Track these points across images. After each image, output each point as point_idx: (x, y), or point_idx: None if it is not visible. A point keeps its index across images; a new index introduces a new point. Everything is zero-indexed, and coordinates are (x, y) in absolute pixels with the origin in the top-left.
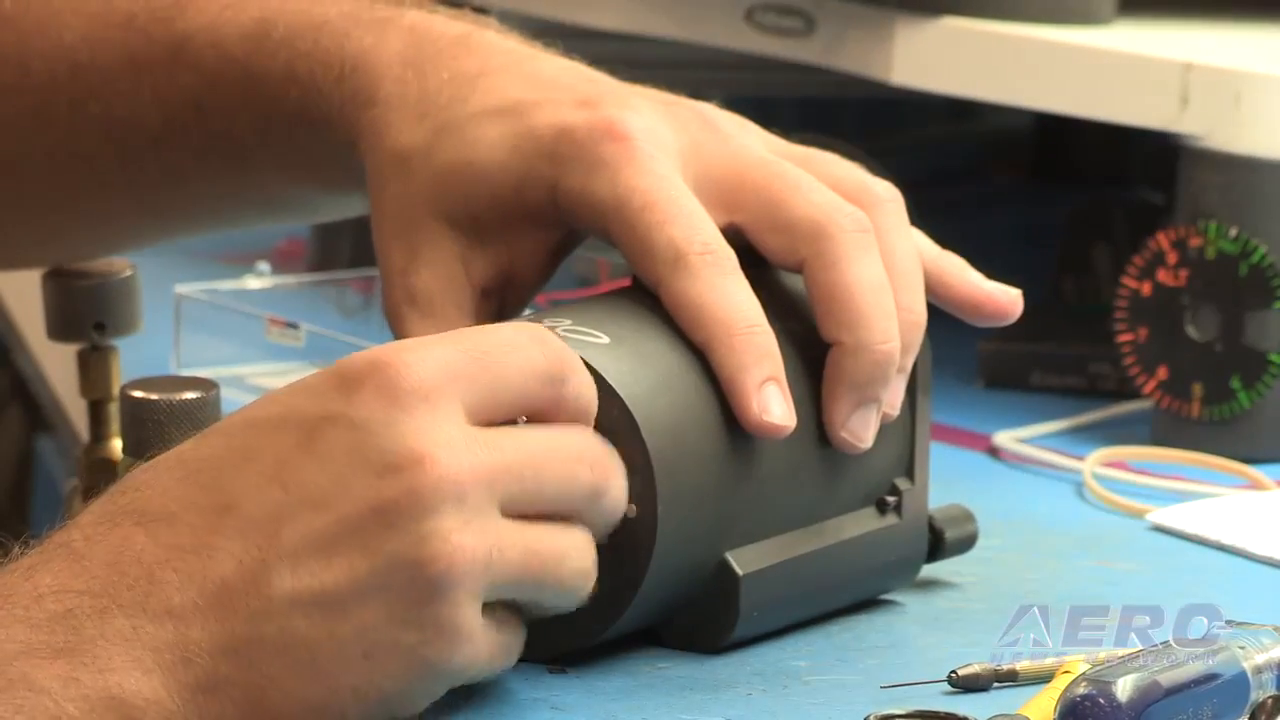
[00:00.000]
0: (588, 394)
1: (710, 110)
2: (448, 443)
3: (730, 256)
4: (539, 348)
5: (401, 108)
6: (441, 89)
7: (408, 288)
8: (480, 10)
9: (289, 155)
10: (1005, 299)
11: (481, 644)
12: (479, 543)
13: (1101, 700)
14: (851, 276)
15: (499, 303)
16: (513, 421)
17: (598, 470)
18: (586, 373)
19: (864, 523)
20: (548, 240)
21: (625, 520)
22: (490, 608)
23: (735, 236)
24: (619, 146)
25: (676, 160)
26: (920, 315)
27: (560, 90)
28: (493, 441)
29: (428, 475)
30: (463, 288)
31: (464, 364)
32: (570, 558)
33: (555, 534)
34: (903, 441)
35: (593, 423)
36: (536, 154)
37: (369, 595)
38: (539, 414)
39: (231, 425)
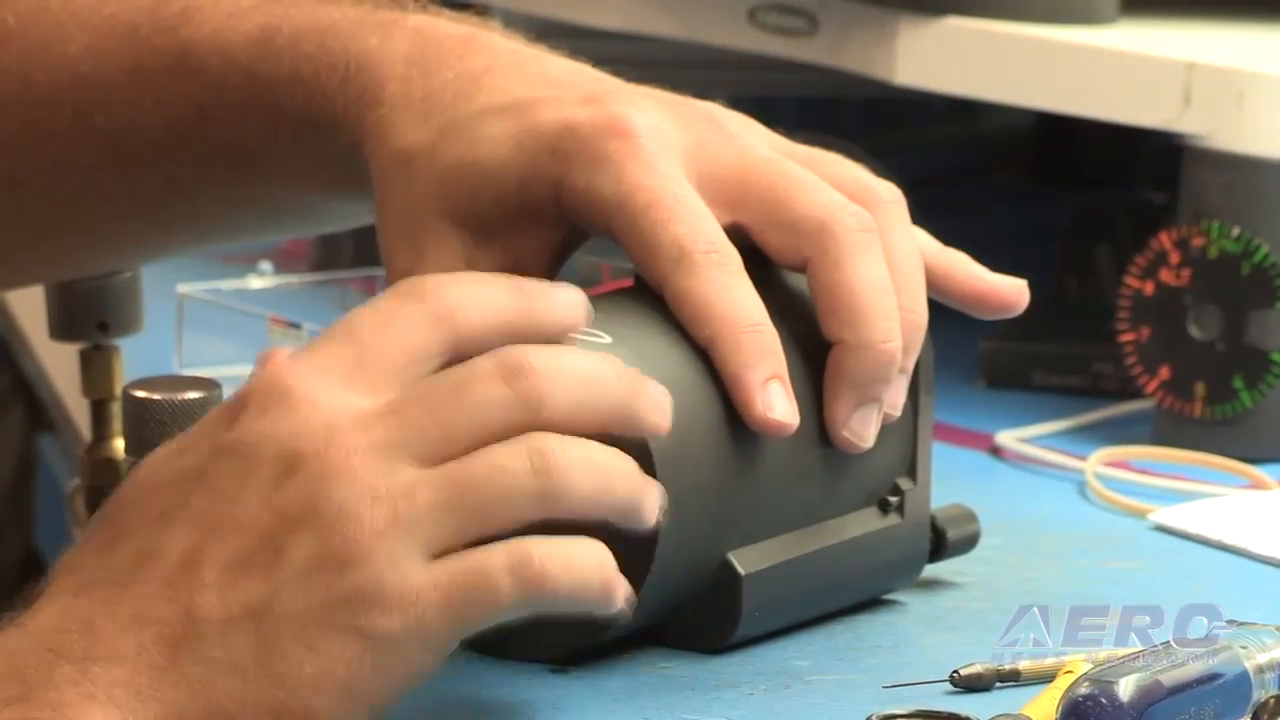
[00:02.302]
0: (492, 318)
1: (715, 109)
2: (326, 429)
3: (734, 255)
4: (418, 300)
5: (406, 108)
6: (446, 88)
7: None
8: (483, 11)
9: (295, 160)
10: (1011, 290)
11: (426, 595)
12: (381, 506)
13: (1104, 700)
14: (854, 275)
15: None
16: None
17: (520, 379)
18: (485, 300)
19: (866, 522)
20: (552, 239)
21: None
22: (444, 559)
23: (739, 235)
24: (623, 143)
25: (681, 159)
26: (922, 316)
27: (565, 88)
28: (386, 406)
29: (311, 465)
30: None
31: (337, 350)
32: (515, 468)
33: (492, 453)
34: (905, 441)
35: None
36: (540, 151)
37: (290, 589)
38: (450, 361)
39: (134, 484)
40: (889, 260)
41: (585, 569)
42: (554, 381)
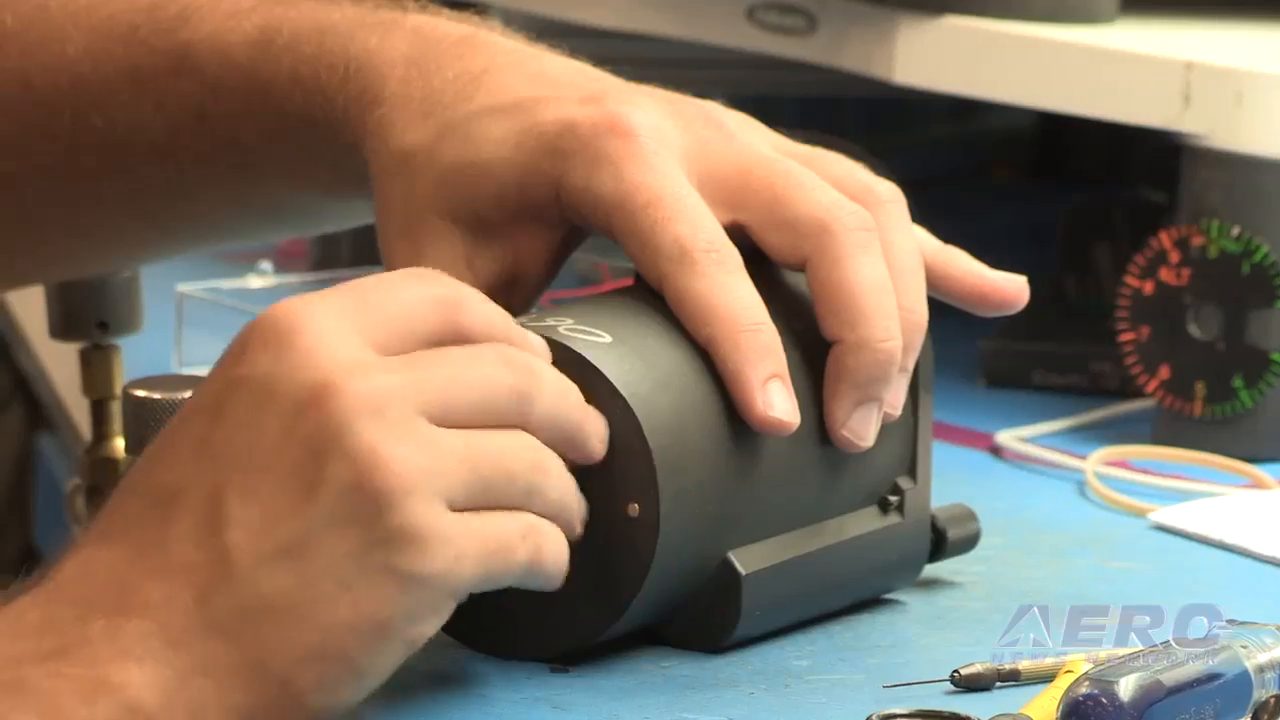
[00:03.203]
0: (493, 318)
1: (715, 109)
2: (348, 364)
3: (734, 254)
4: (427, 281)
5: (406, 107)
6: (445, 88)
7: None
8: (483, 11)
9: (294, 160)
10: (1011, 287)
11: (460, 542)
12: (412, 449)
13: (1104, 700)
14: (854, 274)
15: (503, 302)
16: None
17: (520, 373)
18: (487, 302)
19: (866, 522)
20: (551, 239)
21: (628, 519)
22: (468, 514)
23: (739, 235)
24: (623, 142)
25: (681, 158)
26: (921, 316)
27: (564, 87)
28: (400, 360)
29: (337, 398)
30: None
31: (345, 300)
32: (517, 454)
33: (495, 436)
34: (905, 440)
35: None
36: (540, 150)
37: (325, 529)
38: (444, 343)
39: (156, 440)
40: (888, 259)
41: (561, 552)
42: (537, 383)
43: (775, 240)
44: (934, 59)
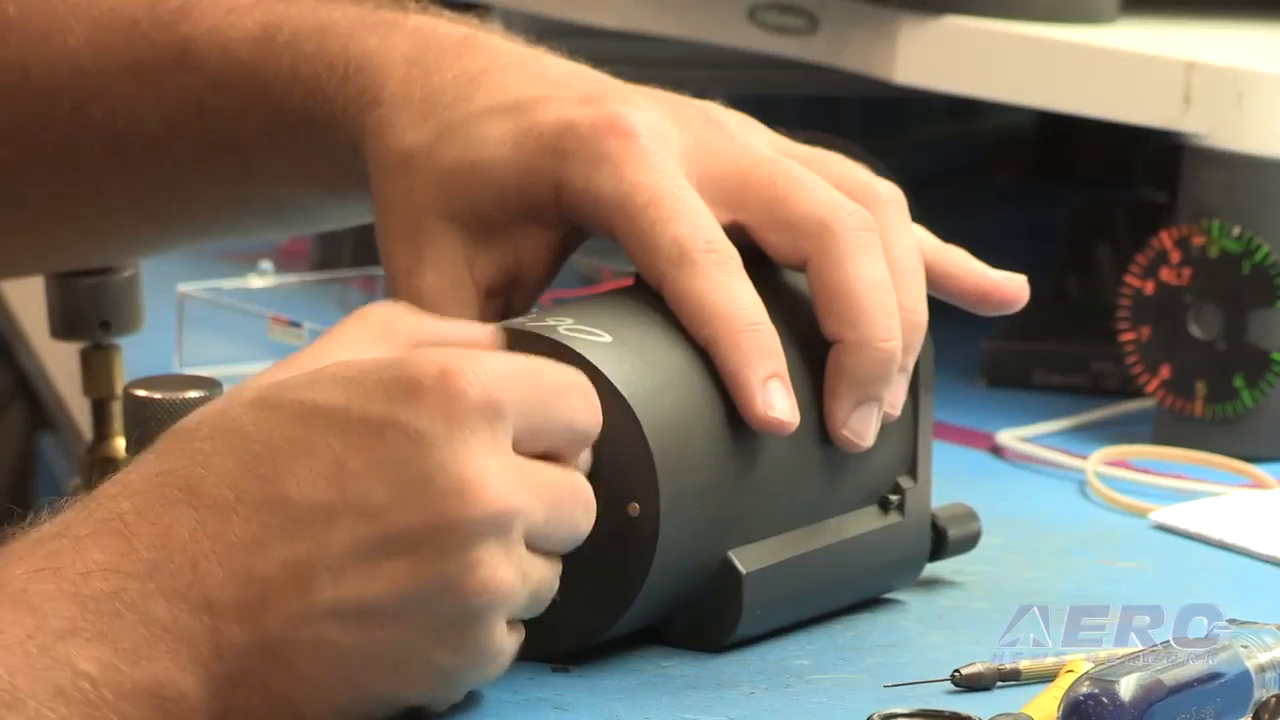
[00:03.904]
0: (588, 459)
1: (715, 109)
2: (501, 472)
3: (734, 255)
4: (584, 400)
5: (406, 108)
6: (445, 88)
7: (413, 288)
8: (484, 12)
9: (292, 158)
10: (1012, 286)
11: (506, 659)
12: (513, 573)
13: (1105, 699)
14: (855, 274)
15: (504, 303)
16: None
17: (589, 518)
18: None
19: (866, 521)
20: (551, 239)
21: (628, 518)
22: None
23: (738, 235)
24: (623, 142)
25: (680, 158)
26: (921, 316)
27: (564, 88)
28: (533, 477)
29: (483, 504)
30: (468, 288)
31: (522, 390)
32: (553, 587)
33: (553, 567)
34: (905, 440)
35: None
36: (540, 150)
37: (408, 612)
38: (553, 455)
39: (292, 407)
40: (889, 259)
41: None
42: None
43: (775, 240)
44: (934, 59)
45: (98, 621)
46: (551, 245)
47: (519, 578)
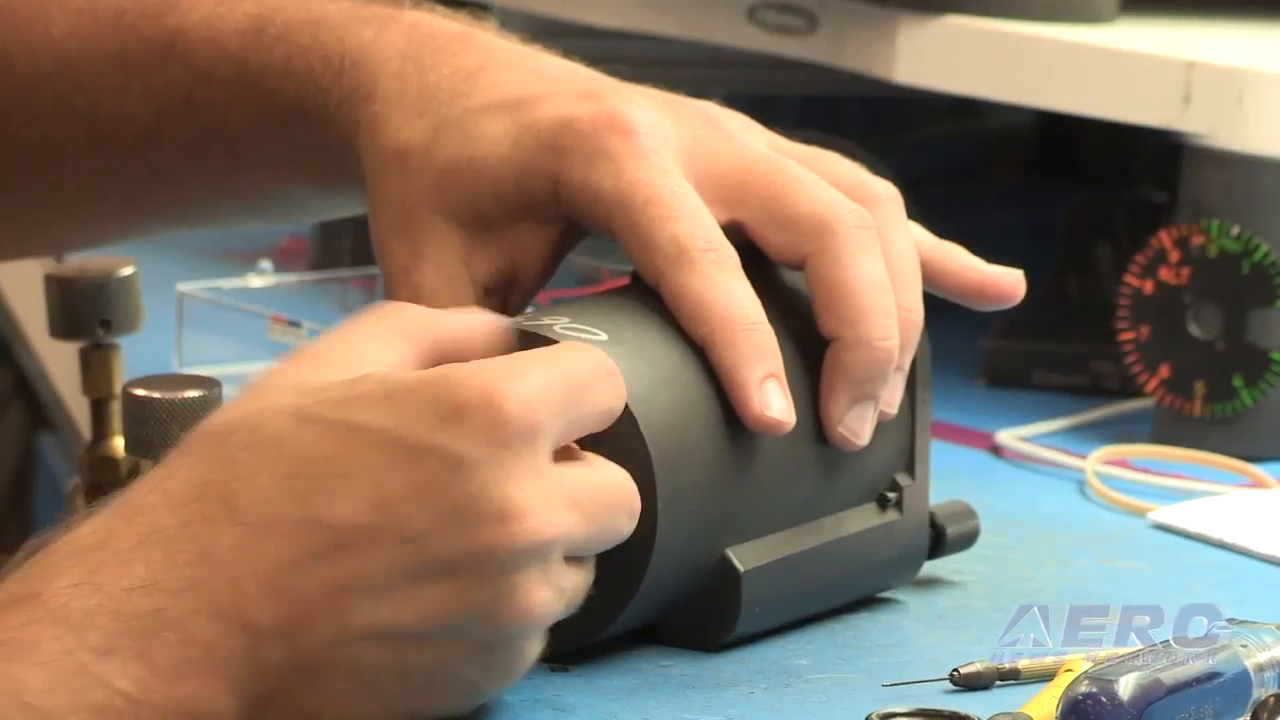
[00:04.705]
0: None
1: (712, 108)
2: (545, 496)
3: (731, 254)
4: (610, 381)
5: (401, 104)
6: (441, 85)
7: (411, 286)
8: (480, 9)
9: (281, 151)
10: (1008, 280)
11: (528, 669)
12: (551, 594)
13: (1104, 698)
14: (853, 272)
15: (502, 300)
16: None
17: (632, 522)
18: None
19: (865, 518)
20: (549, 236)
21: None
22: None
23: (736, 233)
24: (622, 139)
25: (679, 156)
26: (918, 315)
27: (562, 84)
28: (576, 492)
29: (526, 533)
30: (466, 286)
31: (561, 400)
32: (586, 589)
33: (587, 572)
34: (903, 437)
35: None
36: (538, 147)
37: (445, 635)
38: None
39: (332, 425)
40: (886, 258)
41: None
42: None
43: (774, 238)
44: (934, 58)
45: (138, 639)
46: (549, 242)
47: (556, 596)
